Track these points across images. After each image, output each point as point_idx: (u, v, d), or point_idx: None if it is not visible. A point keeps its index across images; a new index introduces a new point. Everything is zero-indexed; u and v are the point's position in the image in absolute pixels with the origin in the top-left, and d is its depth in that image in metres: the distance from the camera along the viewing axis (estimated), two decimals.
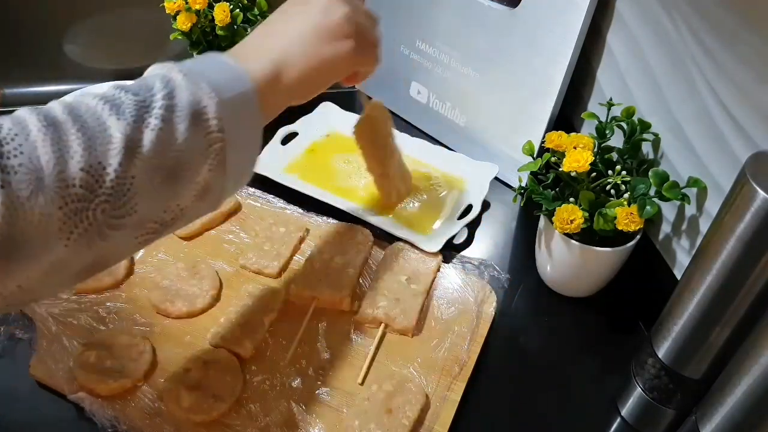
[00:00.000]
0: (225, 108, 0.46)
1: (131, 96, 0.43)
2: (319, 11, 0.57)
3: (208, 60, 0.50)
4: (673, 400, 0.57)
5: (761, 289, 0.46)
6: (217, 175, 0.47)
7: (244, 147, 0.49)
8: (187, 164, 0.45)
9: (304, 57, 0.55)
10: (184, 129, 0.44)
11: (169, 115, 0.44)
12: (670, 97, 0.69)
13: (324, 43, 0.57)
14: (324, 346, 0.64)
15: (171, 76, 0.45)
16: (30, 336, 0.62)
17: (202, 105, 0.45)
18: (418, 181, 0.82)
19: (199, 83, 0.46)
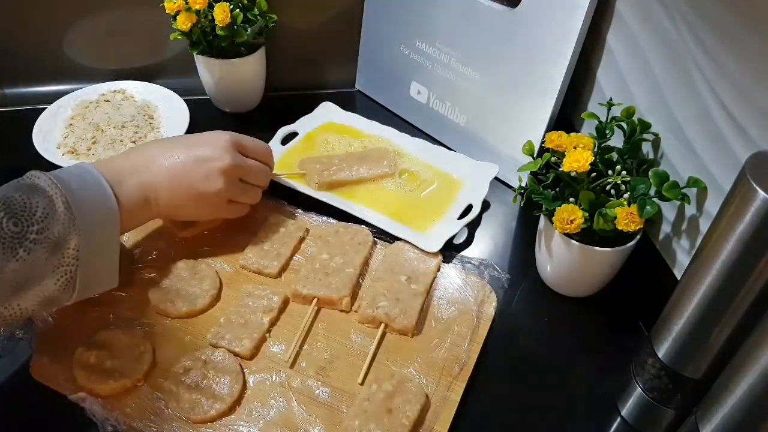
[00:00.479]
0: (87, 240, 0.54)
1: (12, 227, 0.50)
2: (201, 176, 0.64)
3: (90, 183, 0.57)
4: (673, 400, 0.57)
5: (761, 289, 0.46)
6: (65, 290, 0.54)
7: (98, 265, 0.57)
8: (36, 281, 0.52)
9: (174, 195, 0.64)
10: (44, 256, 0.52)
11: (36, 247, 0.51)
12: (670, 97, 0.69)
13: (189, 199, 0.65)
14: (324, 346, 0.64)
15: (55, 204, 0.53)
16: (30, 336, 0.62)
17: (68, 238, 0.53)
18: (416, 179, 0.82)
19: (74, 220, 0.53)
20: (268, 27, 0.87)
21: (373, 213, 0.77)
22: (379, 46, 0.95)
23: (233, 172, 0.66)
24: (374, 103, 0.99)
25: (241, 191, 0.69)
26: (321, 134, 0.87)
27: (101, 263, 0.57)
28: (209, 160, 0.65)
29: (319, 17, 0.94)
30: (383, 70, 0.96)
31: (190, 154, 0.64)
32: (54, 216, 0.52)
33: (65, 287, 0.54)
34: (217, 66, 0.86)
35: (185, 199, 0.65)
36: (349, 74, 1.00)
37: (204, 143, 0.66)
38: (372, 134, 0.88)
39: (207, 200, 0.66)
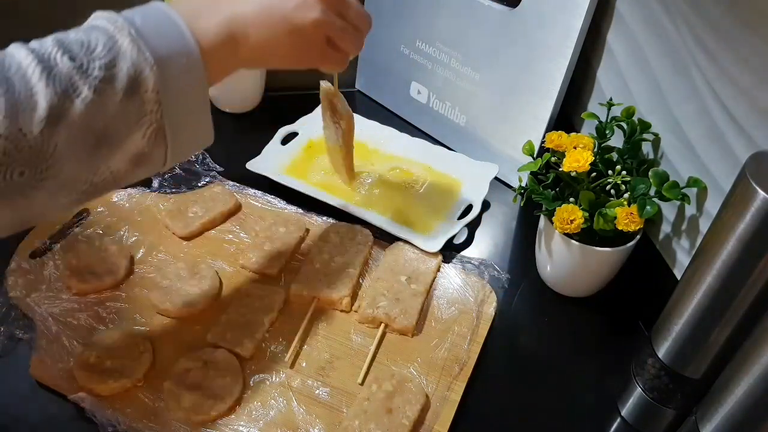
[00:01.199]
0: (166, 80, 0.45)
1: (67, 61, 0.42)
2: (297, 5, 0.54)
3: (159, 17, 0.47)
4: (673, 400, 0.57)
5: (761, 289, 0.46)
6: (154, 143, 0.47)
7: (185, 115, 0.49)
8: (117, 132, 0.44)
9: (264, 31, 0.53)
10: (117, 101, 0.43)
11: (105, 87, 0.43)
12: (670, 97, 0.69)
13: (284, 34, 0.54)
14: (324, 346, 0.64)
15: (117, 39, 0.44)
16: (30, 336, 0.61)
17: (142, 77, 0.44)
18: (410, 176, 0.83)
19: (144, 51, 0.44)
20: None
21: (373, 213, 0.77)
22: (379, 46, 0.95)
23: (331, 1, 0.56)
24: (374, 103, 0.99)
25: (341, 28, 0.57)
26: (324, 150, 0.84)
27: (191, 113, 0.49)
28: None
29: None
30: (383, 70, 0.96)
31: None
32: (119, 52, 0.44)
33: (154, 140, 0.46)
34: None
35: (279, 35, 0.54)
36: (349, 74, 1.00)
37: None
38: (376, 145, 0.88)
39: (303, 35, 0.55)
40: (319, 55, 0.58)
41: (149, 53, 0.45)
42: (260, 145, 0.83)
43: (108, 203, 0.75)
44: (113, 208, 0.75)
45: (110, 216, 0.74)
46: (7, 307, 0.63)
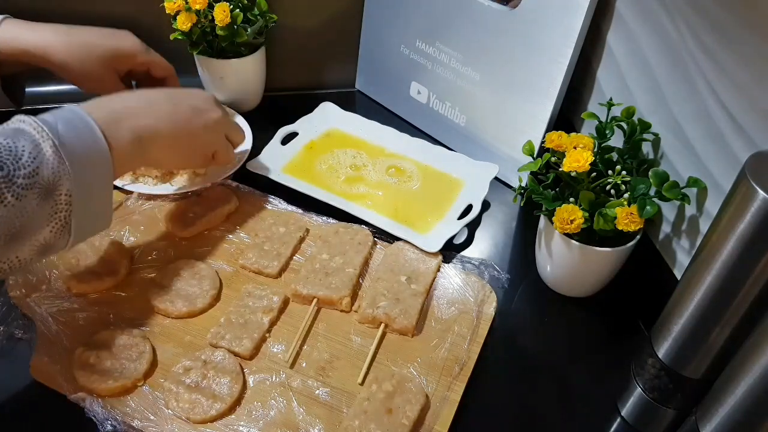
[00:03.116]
0: (79, 182, 0.52)
1: None
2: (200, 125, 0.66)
3: (78, 125, 0.54)
4: (673, 400, 0.57)
5: (761, 289, 0.46)
6: (60, 235, 0.53)
7: (91, 209, 0.55)
8: (30, 229, 0.50)
9: (166, 146, 0.64)
10: (35, 204, 0.50)
11: (26, 193, 0.49)
12: (670, 97, 0.69)
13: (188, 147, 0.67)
14: (324, 346, 0.64)
15: (42, 148, 0.50)
16: (30, 336, 0.61)
17: (59, 183, 0.51)
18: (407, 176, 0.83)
19: (64, 161, 0.51)
20: (268, 27, 0.87)
21: (373, 213, 0.77)
22: (379, 46, 0.95)
23: (224, 124, 0.70)
24: (374, 103, 0.99)
25: (225, 145, 0.72)
26: (324, 150, 0.86)
27: (95, 206, 0.56)
28: (206, 111, 0.67)
29: (319, 17, 0.94)
30: (383, 70, 0.96)
31: (188, 104, 0.66)
32: (42, 160, 0.50)
33: (60, 233, 0.53)
34: (217, 66, 0.86)
35: (183, 146, 0.66)
36: (349, 74, 1.00)
37: (196, 96, 0.68)
38: (376, 145, 0.88)
39: (202, 150, 0.69)
40: (201, 164, 0.72)
41: (68, 162, 0.51)
42: (260, 145, 0.83)
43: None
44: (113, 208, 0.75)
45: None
46: (7, 307, 0.64)
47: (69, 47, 0.72)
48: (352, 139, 0.89)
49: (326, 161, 0.85)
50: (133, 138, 0.59)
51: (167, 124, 0.63)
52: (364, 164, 0.85)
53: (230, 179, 0.79)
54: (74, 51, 0.72)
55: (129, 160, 0.60)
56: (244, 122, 0.86)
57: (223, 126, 0.70)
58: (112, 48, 0.74)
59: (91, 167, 0.54)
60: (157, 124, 0.62)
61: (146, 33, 0.90)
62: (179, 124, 0.64)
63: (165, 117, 0.63)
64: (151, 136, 0.61)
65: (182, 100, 0.66)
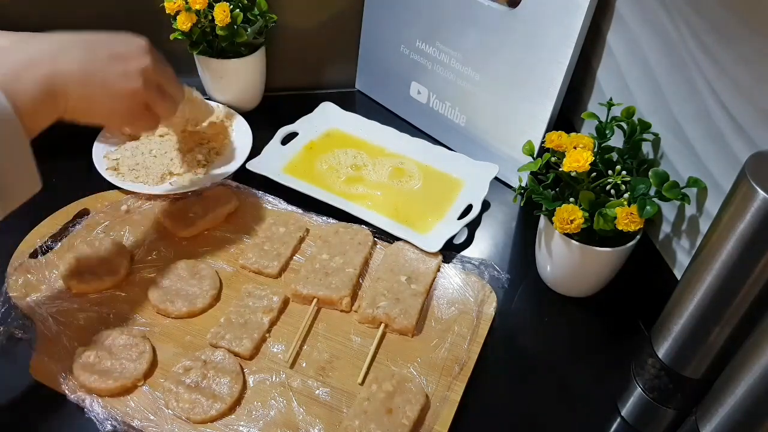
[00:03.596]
0: None
1: None
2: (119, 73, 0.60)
3: None
4: (673, 400, 0.57)
5: (761, 289, 0.46)
6: None
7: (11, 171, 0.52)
8: None
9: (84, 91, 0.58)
10: None
11: None
12: (670, 97, 0.69)
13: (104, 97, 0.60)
14: (324, 346, 0.64)
15: None
16: (30, 336, 0.61)
17: None
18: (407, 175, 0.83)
19: None
20: (268, 27, 0.87)
21: (373, 213, 0.77)
22: (379, 46, 0.95)
23: (152, 73, 0.62)
24: (374, 103, 0.99)
25: (159, 97, 0.64)
26: (324, 150, 0.86)
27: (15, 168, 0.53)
28: (128, 59, 0.60)
29: (319, 17, 0.94)
30: (383, 70, 0.96)
31: (106, 50, 0.60)
32: None
33: None
34: (217, 66, 0.86)
35: (99, 96, 0.59)
36: (349, 74, 1.00)
37: (120, 42, 0.62)
38: (376, 145, 0.88)
39: (122, 101, 0.61)
40: (134, 117, 0.64)
41: None
42: (260, 145, 0.83)
43: (108, 203, 0.75)
44: (113, 208, 0.75)
45: (110, 216, 0.74)
46: (7, 307, 0.63)
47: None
48: (352, 139, 0.89)
49: (326, 161, 0.85)
50: (40, 90, 0.54)
51: (78, 72, 0.57)
52: (365, 164, 0.85)
53: (230, 179, 0.79)
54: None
55: (41, 113, 0.55)
56: (244, 122, 0.87)
57: (151, 75, 0.62)
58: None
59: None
60: (65, 71, 0.56)
61: (146, 33, 0.90)
62: (91, 72, 0.58)
63: (76, 64, 0.57)
64: (60, 85, 0.56)
65: (101, 46, 0.60)
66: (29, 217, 0.70)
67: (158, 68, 0.63)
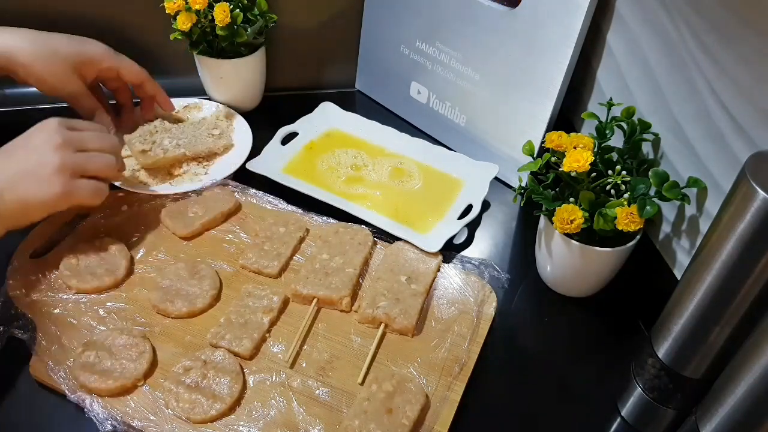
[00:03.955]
0: None
1: None
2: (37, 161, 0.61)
3: None
4: (673, 400, 0.57)
5: (761, 289, 0.46)
6: None
7: None
8: None
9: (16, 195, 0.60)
10: None
11: None
12: (670, 97, 0.69)
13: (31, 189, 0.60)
14: (324, 346, 0.64)
15: None
16: (30, 336, 0.61)
17: None
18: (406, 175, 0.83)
19: None
20: (268, 27, 0.87)
21: (373, 213, 0.77)
22: (379, 46, 0.95)
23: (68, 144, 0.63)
24: (374, 103, 0.99)
25: (85, 160, 0.64)
26: (324, 150, 0.86)
27: None
28: (41, 144, 0.62)
29: (319, 17, 0.94)
30: (383, 70, 0.96)
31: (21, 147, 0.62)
32: None
33: None
34: (217, 66, 0.86)
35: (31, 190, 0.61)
36: (349, 74, 1.00)
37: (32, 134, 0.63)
38: (376, 145, 0.88)
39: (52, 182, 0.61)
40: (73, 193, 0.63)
41: None
42: (260, 145, 0.83)
43: (108, 203, 0.75)
44: (113, 208, 0.75)
45: (110, 216, 0.74)
46: (7, 307, 0.63)
47: (34, 50, 0.71)
48: (352, 139, 0.89)
49: (326, 161, 0.85)
50: None
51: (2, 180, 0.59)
52: (365, 164, 0.85)
53: (230, 179, 0.79)
54: (39, 54, 0.71)
55: None
56: (244, 122, 0.86)
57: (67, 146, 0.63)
58: (77, 52, 0.73)
59: None
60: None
61: (146, 33, 0.90)
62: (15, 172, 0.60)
63: None
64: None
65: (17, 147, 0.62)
66: None
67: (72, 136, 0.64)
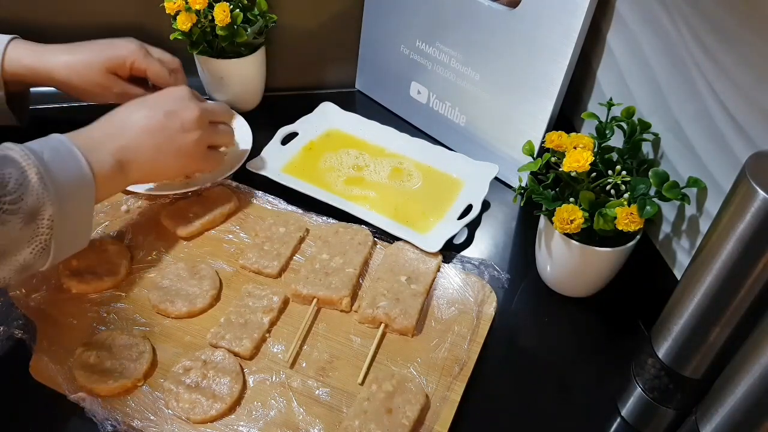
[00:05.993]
0: (62, 208, 0.55)
1: None
2: (178, 128, 0.67)
3: (63, 152, 0.57)
4: (673, 400, 0.57)
5: (761, 289, 0.46)
6: (40, 257, 0.55)
7: (71, 232, 0.58)
8: (11, 250, 0.53)
9: (150, 155, 0.66)
10: (18, 227, 0.52)
11: (9, 218, 0.51)
12: (670, 97, 0.69)
13: (170, 154, 0.67)
14: (324, 347, 0.64)
15: (27, 175, 0.53)
16: (30, 336, 0.61)
17: (43, 209, 0.53)
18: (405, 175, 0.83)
19: (48, 187, 0.54)
20: (268, 27, 0.87)
21: (373, 213, 0.77)
22: (379, 46, 0.95)
23: (203, 116, 0.70)
24: (374, 103, 0.99)
25: (215, 132, 0.73)
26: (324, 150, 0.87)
27: (75, 230, 0.58)
28: (179, 112, 0.68)
29: (319, 17, 0.94)
30: (383, 70, 0.96)
31: (160, 111, 0.67)
32: (27, 187, 0.52)
33: (40, 254, 0.55)
34: (217, 66, 0.86)
35: (164, 156, 0.67)
36: (349, 74, 1.00)
37: (167, 99, 0.69)
38: (376, 145, 0.88)
39: (187, 153, 0.69)
40: (201, 162, 0.72)
41: (52, 188, 0.54)
42: (260, 145, 0.83)
43: (108, 203, 0.75)
44: (113, 208, 0.75)
45: (110, 216, 0.74)
46: (7, 307, 0.63)
47: (69, 65, 0.74)
48: (352, 139, 0.89)
49: (326, 161, 0.85)
50: (114, 162, 0.62)
51: (143, 140, 0.65)
52: (366, 164, 0.85)
53: (230, 179, 0.79)
54: (76, 68, 0.74)
55: (111, 184, 0.63)
56: (244, 122, 0.86)
57: (203, 118, 0.70)
58: (108, 58, 0.75)
59: (75, 194, 0.57)
60: (132, 142, 0.64)
61: (146, 33, 0.90)
62: (155, 133, 0.66)
63: (140, 132, 0.65)
64: (132, 155, 0.64)
65: (155, 107, 0.67)
66: None
67: (206, 108, 0.71)
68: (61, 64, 0.73)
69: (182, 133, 0.67)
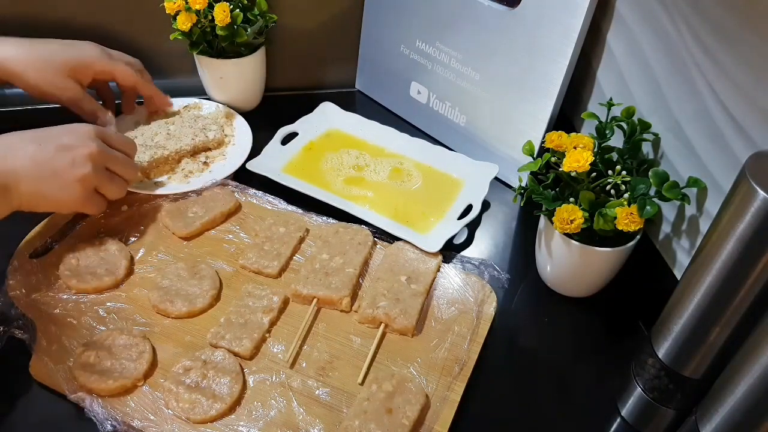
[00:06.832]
0: None
1: None
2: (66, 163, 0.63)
3: None
4: (673, 400, 0.57)
5: (761, 289, 0.46)
6: None
7: None
8: None
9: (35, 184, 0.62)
10: None
11: None
12: (670, 97, 0.69)
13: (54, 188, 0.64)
14: (324, 347, 0.64)
15: None
16: (30, 336, 0.61)
17: None
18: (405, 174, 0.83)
19: None
20: (268, 27, 0.87)
21: (373, 213, 0.77)
22: (379, 46, 0.95)
23: (99, 158, 0.66)
24: (374, 103, 0.99)
25: (107, 179, 0.67)
26: (324, 150, 0.87)
27: None
28: (74, 147, 0.64)
29: (319, 17, 0.94)
30: (383, 70, 0.96)
31: (54, 142, 0.64)
32: None
33: None
34: (217, 66, 0.86)
35: (50, 187, 0.63)
36: (349, 74, 1.00)
37: (67, 132, 0.65)
38: (376, 145, 0.88)
39: (72, 188, 0.65)
40: (86, 202, 0.67)
41: None
42: (260, 145, 0.83)
43: (108, 204, 0.75)
44: (113, 208, 0.75)
45: (110, 216, 0.74)
46: (7, 307, 0.63)
47: (28, 59, 0.72)
48: (352, 139, 0.89)
49: (327, 161, 0.85)
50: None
51: (28, 167, 0.62)
52: (366, 164, 0.85)
53: (230, 179, 0.79)
54: (31, 63, 0.72)
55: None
56: (244, 122, 0.87)
57: (98, 159, 0.65)
58: (70, 57, 0.74)
59: None
60: (16, 167, 0.61)
61: (146, 33, 0.90)
62: (42, 165, 0.62)
63: (26, 160, 0.62)
64: (12, 182, 0.61)
65: (49, 139, 0.64)
66: (29, 217, 0.70)
67: (105, 152, 0.66)
68: (21, 56, 0.71)
69: (70, 169, 0.63)
